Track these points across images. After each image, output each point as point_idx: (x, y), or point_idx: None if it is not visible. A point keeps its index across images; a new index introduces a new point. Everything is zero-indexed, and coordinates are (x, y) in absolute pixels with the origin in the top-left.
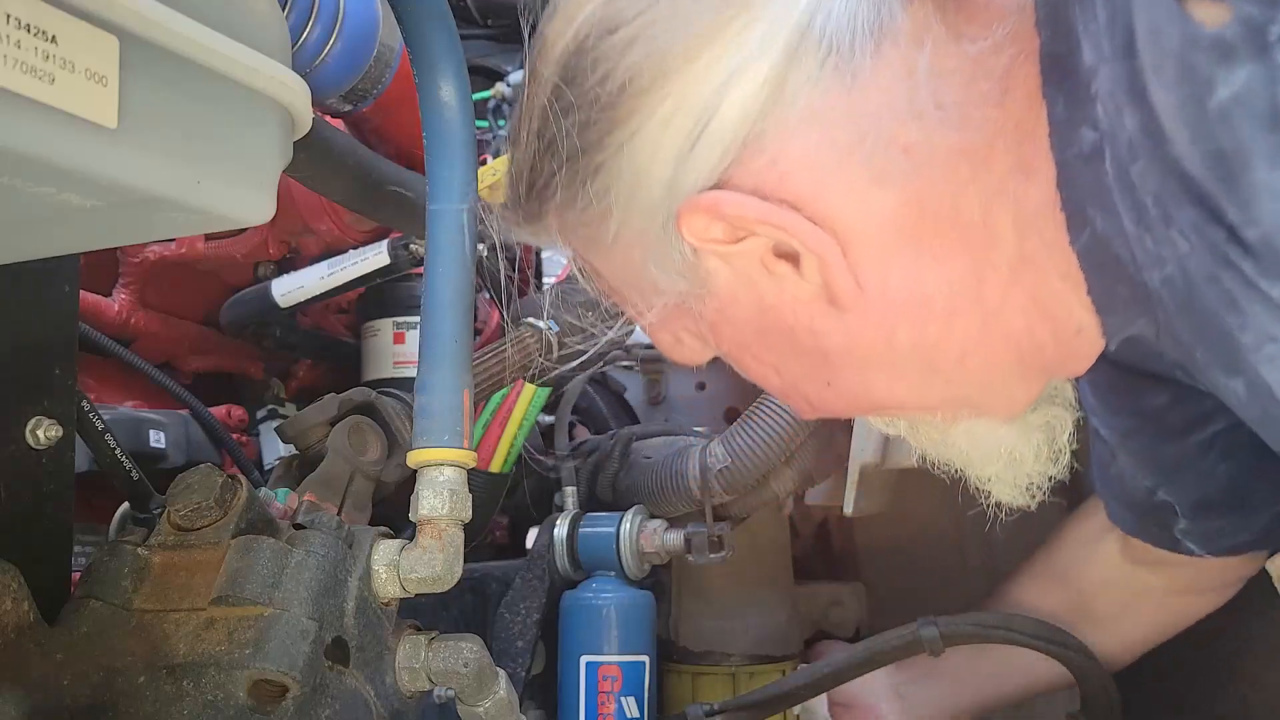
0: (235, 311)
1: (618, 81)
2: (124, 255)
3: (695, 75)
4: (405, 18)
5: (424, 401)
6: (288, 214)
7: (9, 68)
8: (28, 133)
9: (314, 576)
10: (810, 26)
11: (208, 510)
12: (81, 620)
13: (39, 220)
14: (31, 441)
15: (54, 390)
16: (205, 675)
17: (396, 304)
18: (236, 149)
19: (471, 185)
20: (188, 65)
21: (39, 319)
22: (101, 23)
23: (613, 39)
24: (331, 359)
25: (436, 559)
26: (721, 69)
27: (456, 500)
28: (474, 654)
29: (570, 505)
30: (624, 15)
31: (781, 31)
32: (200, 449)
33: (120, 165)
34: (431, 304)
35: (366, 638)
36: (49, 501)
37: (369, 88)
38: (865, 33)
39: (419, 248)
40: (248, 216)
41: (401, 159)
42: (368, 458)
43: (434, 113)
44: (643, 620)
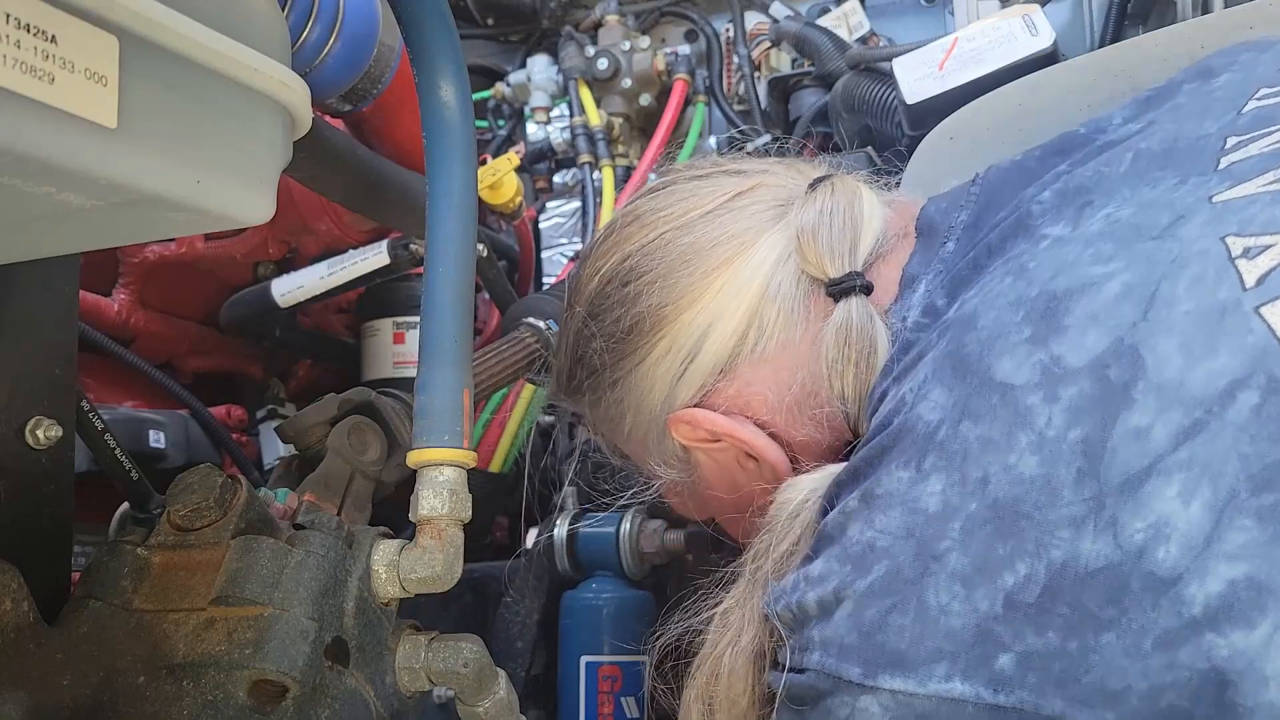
0: (235, 311)
1: (628, 323)
2: (124, 255)
3: (684, 324)
4: (405, 18)
5: (424, 401)
6: (288, 214)
7: (9, 68)
8: (28, 133)
9: (314, 576)
10: (766, 293)
11: (208, 510)
12: (81, 620)
13: (39, 220)
14: (31, 441)
15: (54, 390)
16: (205, 675)
17: (396, 304)
18: (236, 149)
19: (471, 185)
20: (188, 65)
21: (39, 319)
22: (101, 23)
23: (625, 290)
24: (331, 359)
25: (436, 559)
26: (703, 321)
27: (456, 500)
28: (474, 654)
29: (570, 505)
30: (634, 273)
31: (746, 296)
32: (200, 449)
33: (120, 165)
34: (431, 304)
35: (366, 638)
36: (49, 501)
37: (369, 88)
38: (804, 301)
39: (419, 248)
40: (248, 216)
41: (401, 159)
42: (368, 458)
43: (434, 113)
44: (643, 620)
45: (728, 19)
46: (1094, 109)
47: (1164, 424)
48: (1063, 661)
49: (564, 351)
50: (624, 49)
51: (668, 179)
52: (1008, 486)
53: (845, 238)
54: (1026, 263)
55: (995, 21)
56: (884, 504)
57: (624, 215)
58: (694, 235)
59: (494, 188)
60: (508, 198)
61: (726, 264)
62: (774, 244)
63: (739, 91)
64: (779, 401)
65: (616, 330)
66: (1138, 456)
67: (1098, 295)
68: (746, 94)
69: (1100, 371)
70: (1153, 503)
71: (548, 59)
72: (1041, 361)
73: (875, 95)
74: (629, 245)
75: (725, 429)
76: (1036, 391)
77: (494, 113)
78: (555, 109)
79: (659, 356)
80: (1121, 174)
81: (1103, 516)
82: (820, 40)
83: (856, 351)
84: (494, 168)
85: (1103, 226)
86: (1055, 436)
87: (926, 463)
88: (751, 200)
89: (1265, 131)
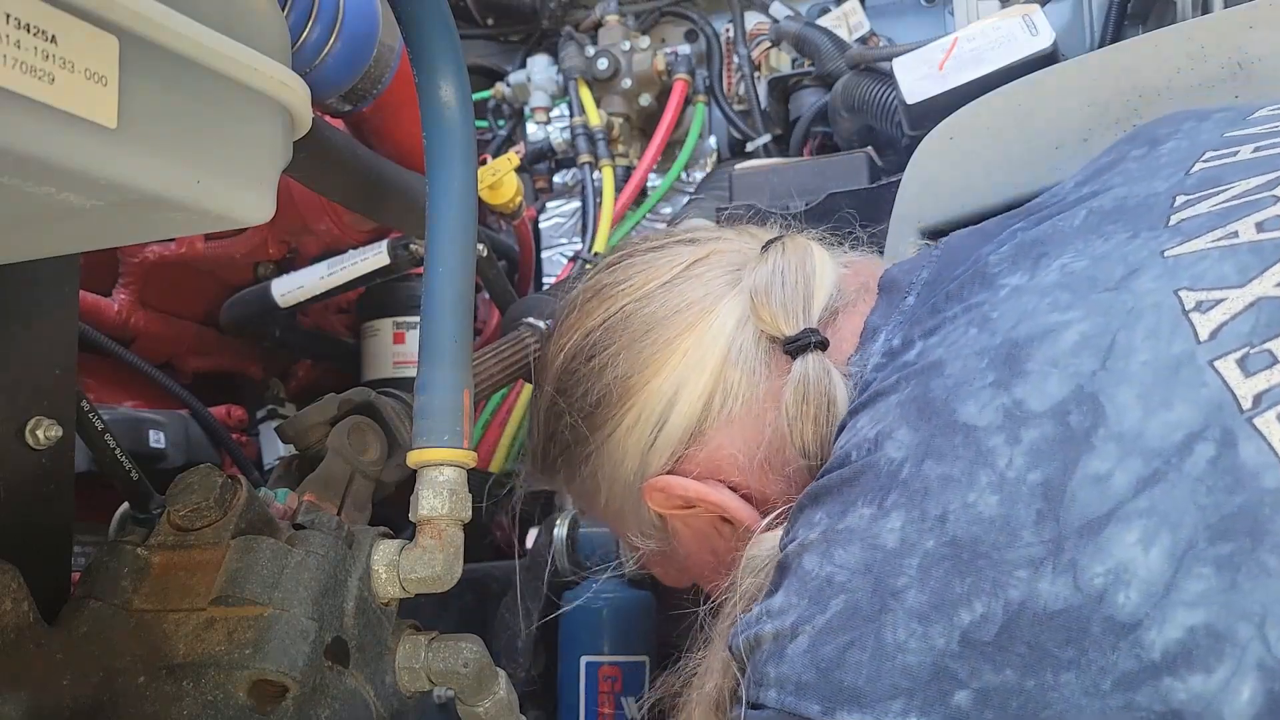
0: (235, 311)
1: (596, 396)
2: (124, 255)
3: (651, 393)
4: (405, 18)
5: (424, 401)
6: (288, 214)
7: (9, 68)
8: (28, 133)
9: (314, 576)
10: (729, 357)
11: (208, 510)
12: (81, 620)
13: (39, 220)
14: (31, 441)
15: (54, 390)
16: (205, 675)
17: (396, 304)
18: (236, 149)
19: (471, 185)
20: (188, 65)
21: (39, 319)
22: (101, 23)
23: (590, 364)
24: (331, 359)
25: (436, 559)
26: (670, 387)
27: (456, 500)
28: (474, 654)
29: (570, 505)
30: (598, 346)
31: (710, 360)
32: (200, 449)
33: (120, 165)
34: (431, 304)
35: (366, 638)
36: (49, 501)
37: (369, 88)
38: (764, 360)
39: (419, 248)
40: (248, 216)
41: (401, 159)
42: (368, 458)
43: (434, 113)
44: (642, 620)
45: (728, 19)
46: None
47: (1124, 471)
48: (1020, 699)
49: (536, 430)
50: (624, 49)
51: (623, 252)
52: (966, 525)
53: (799, 295)
54: (989, 313)
55: (995, 21)
56: (844, 539)
57: (584, 291)
58: (654, 305)
59: (494, 188)
60: (508, 198)
61: (688, 330)
62: (732, 308)
63: (739, 91)
64: (749, 461)
65: (585, 404)
66: (1098, 501)
67: (1057, 342)
68: (746, 94)
69: (1061, 417)
70: (1112, 548)
71: (548, 59)
72: (1004, 405)
73: (875, 95)
74: (591, 320)
75: (698, 494)
76: (999, 433)
77: (494, 113)
78: (555, 109)
79: (629, 426)
80: (1075, 228)
81: (1061, 559)
82: (820, 40)
83: (815, 406)
84: (494, 168)
85: (1058, 277)
86: (1016, 477)
87: (888, 500)
88: (707, 267)
89: (1213, 191)
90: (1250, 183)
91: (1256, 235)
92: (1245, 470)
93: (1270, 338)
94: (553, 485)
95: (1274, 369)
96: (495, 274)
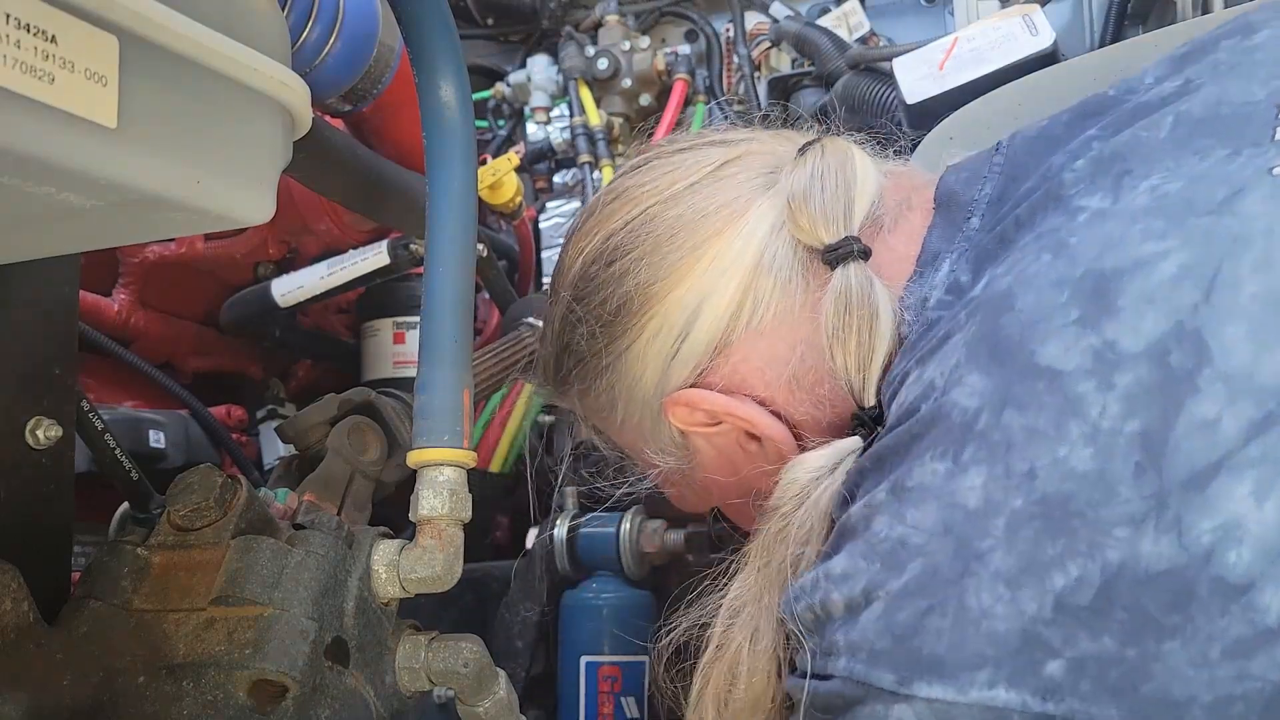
0: (235, 311)
1: (615, 304)
2: (124, 255)
3: (674, 301)
4: (405, 18)
5: (424, 401)
6: (288, 214)
7: (9, 68)
8: (28, 133)
9: (314, 576)
10: (761, 264)
11: (208, 510)
12: (81, 620)
13: (39, 220)
14: (31, 441)
15: (54, 390)
16: (205, 675)
17: (396, 304)
18: (236, 149)
19: (471, 185)
20: (188, 65)
21: (39, 319)
22: (101, 23)
23: (610, 269)
24: (331, 359)
25: (436, 559)
26: (694, 296)
27: (456, 500)
28: (474, 654)
29: (570, 505)
30: (619, 250)
31: (739, 268)
32: (200, 449)
33: (120, 165)
34: (431, 304)
35: (366, 638)
36: (49, 501)
37: (369, 88)
38: (800, 271)
39: (419, 248)
40: (248, 216)
41: (401, 159)
42: (368, 458)
43: (434, 113)
44: (643, 620)
45: (728, 19)
46: None
47: (1233, 416)
48: (1120, 669)
49: (549, 340)
50: (624, 49)
51: (650, 154)
52: (1058, 481)
53: (839, 201)
54: (1066, 238)
55: (995, 21)
56: (917, 498)
57: (606, 193)
58: (680, 208)
59: (494, 188)
60: (508, 198)
61: (716, 236)
62: (765, 213)
63: (739, 91)
64: (777, 377)
65: (604, 312)
66: (1205, 450)
67: (1152, 274)
68: (746, 94)
69: (1161, 357)
70: (1222, 502)
71: (548, 59)
72: (1093, 346)
73: (875, 95)
74: (612, 223)
75: (725, 408)
76: (1089, 379)
77: (494, 113)
78: (555, 109)
79: (650, 337)
80: (1162, 140)
81: (1165, 516)
82: (820, 40)
83: (858, 319)
84: (494, 168)
85: (1149, 200)
86: (1111, 428)
87: (965, 454)
88: (739, 169)
89: None
90: None
91: None
92: None
93: None
94: (563, 400)
95: None
96: (495, 274)
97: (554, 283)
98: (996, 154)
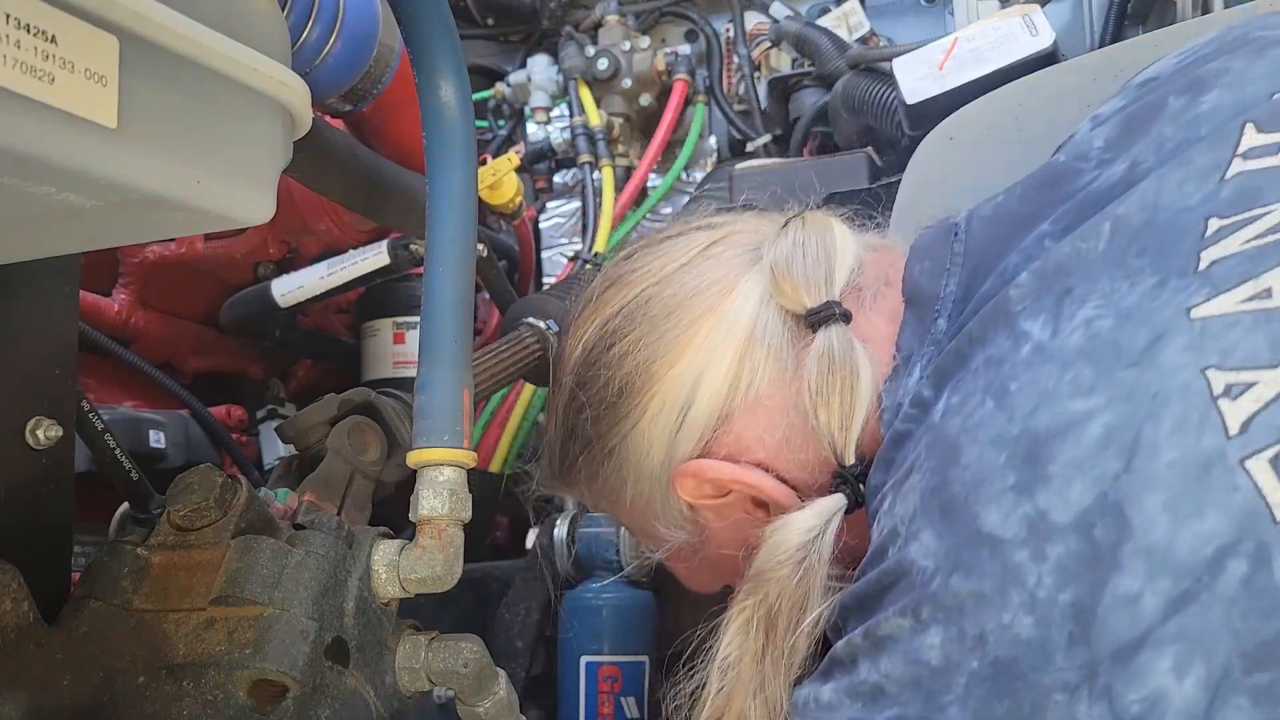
0: (235, 311)
1: (618, 386)
2: (124, 255)
3: (674, 377)
4: (405, 18)
5: (424, 401)
6: (288, 214)
7: (9, 68)
8: (28, 133)
9: (314, 576)
10: (754, 335)
11: (208, 510)
12: (81, 620)
13: (39, 220)
14: (31, 441)
15: (54, 390)
16: (205, 675)
17: (396, 304)
18: (236, 149)
19: (471, 185)
20: (188, 65)
21: (39, 319)
22: (101, 23)
23: (610, 353)
24: (331, 359)
25: (436, 559)
26: (693, 370)
27: (456, 500)
28: (474, 654)
29: (570, 505)
30: (617, 334)
31: (733, 340)
32: (200, 449)
33: (120, 165)
34: (431, 304)
35: (366, 638)
36: (49, 501)
37: (369, 88)
38: (790, 339)
39: (419, 248)
40: (248, 216)
41: (401, 159)
42: (368, 458)
43: (434, 113)
44: (643, 620)
45: (728, 19)
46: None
47: (1154, 592)
48: None
49: (554, 428)
50: (624, 49)
51: (641, 242)
52: (1006, 646)
53: (820, 267)
54: (1007, 382)
55: (995, 21)
56: (888, 648)
57: (601, 281)
58: (672, 288)
59: (494, 188)
60: (508, 198)
61: (709, 312)
62: (753, 285)
63: (739, 91)
64: (776, 443)
65: (607, 395)
66: (1129, 626)
67: (1080, 440)
68: (746, 94)
69: (1087, 530)
70: (1147, 675)
71: (548, 59)
72: (1028, 515)
73: (875, 95)
74: (609, 309)
75: (731, 475)
76: (1024, 548)
77: (494, 113)
78: (555, 109)
79: (654, 414)
80: (1101, 253)
81: (1097, 684)
82: (820, 40)
83: (840, 379)
84: (494, 168)
85: (1082, 340)
86: (1046, 598)
87: (924, 613)
88: (725, 247)
89: (1249, 216)
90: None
91: None
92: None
93: None
94: (571, 490)
95: None
96: (495, 274)
97: (555, 372)
98: (956, 239)
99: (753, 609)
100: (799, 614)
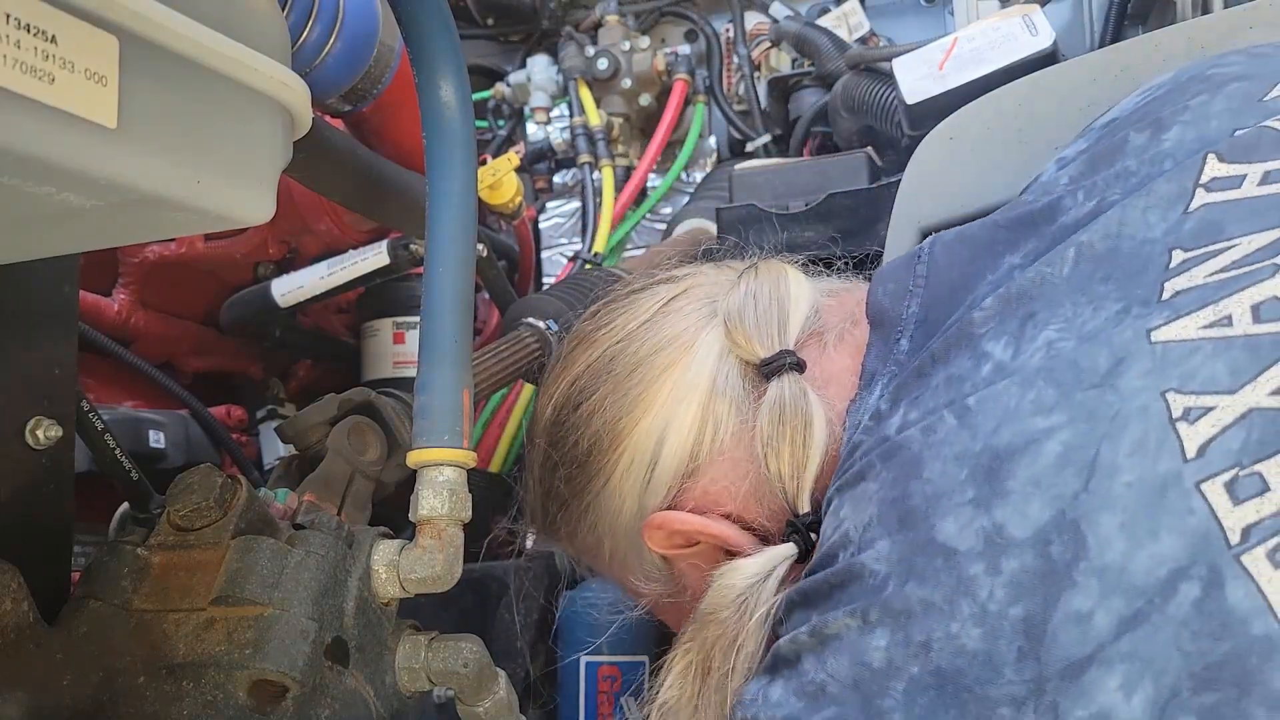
0: (235, 311)
1: (587, 444)
2: (124, 255)
3: (641, 432)
4: (405, 18)
5: (424, 401)
6: (288, 214)
7: (9, 68)
8: (28, 133)
9: (314, 576)
10: (715, 388)
11: (207, 510)
12: (81, 620)
13: (39, 220)
14: (31, 441)
15: (54, 390)
16: (205, 675)
17: (396, 304)
18: (236, 149)
19: (471, 185)
20: (188, 65)
21: (39, 319)
22: (101, 23)
23: (579, 412)
24: (331, 359)
25: (436, 559)
26: (658, 425)
27: (456, 500)
28: (474, 654)
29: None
30: (585, 392)
31: (695, 394)
32: (200, 449)
33: (120, 165)
34: (431, 304)
35: (366, 638)
36: (49, 501)
37: (369, 88)
38: (749, 390)
39: (419, 248)
40: (248, 216)
41: (401, 159)
42: (368, 458)
43: (434, 113)
44: (642, 620)
45: (728, 19)
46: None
47: (1105, 611)
48: None
49: (533, 488)
50: (624, 49)
51: (606, 299)
52: (950, 656)
53: (772, 317)
54: (969, 400)
55: (995, 21)
56: (834, 647)
57: (569, 340)
58: (635, 345)
59: (494, 188)
60: (508, 198)
61: (671, 367)
62: (711, 340)
63: (739, 91)
64: (743, 493)
65: (578, 454)
66: (1079, 643)
67: (1038, 457)
68: (746, 94)
69: (1043, 547)
70: (1094, 693)
71: (548, 59)
72: (984, 529)
73: (875, 95)
74: (576, 368)
75: (696, 526)
76: (979, 561)
77: (494, 113)
78: (555, 109)
79: (624, 470)
80: (1065, 278)
81: (1043, 700)
82: (820, 40)
83: (791, 429)
84: (494, 168)
85: (1043, 360)
86: (997, 611)
87: (872, 615)
88: (686, 301)
89: (1212, 249)
90: (1252, 242)
91: (1251, 326)
92: (1232, 615)
93: (1261, 458)
94: (557, 546)
95: (1264, 498)
96: (495, 274)
97: (529, 432)
98: (919, 262)
99: (694, 652)
100: (735, 658)
